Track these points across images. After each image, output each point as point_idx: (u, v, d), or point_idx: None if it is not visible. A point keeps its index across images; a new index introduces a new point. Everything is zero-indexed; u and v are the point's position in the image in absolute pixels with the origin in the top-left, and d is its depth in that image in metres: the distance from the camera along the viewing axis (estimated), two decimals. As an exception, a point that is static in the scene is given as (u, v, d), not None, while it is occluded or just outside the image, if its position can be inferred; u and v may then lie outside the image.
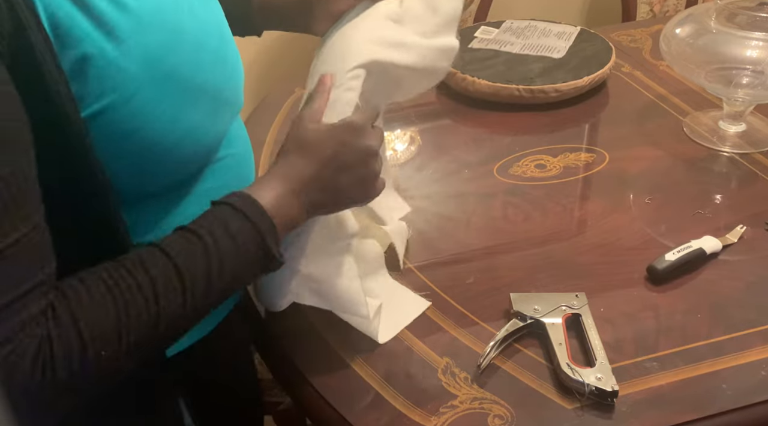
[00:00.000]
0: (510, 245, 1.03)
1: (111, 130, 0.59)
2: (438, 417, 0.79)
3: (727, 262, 0.99)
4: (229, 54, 0.70)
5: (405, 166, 1.23)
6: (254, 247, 0.64)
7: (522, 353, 0.86)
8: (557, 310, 0.88)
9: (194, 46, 0.64)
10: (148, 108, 0.60)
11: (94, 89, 0.57)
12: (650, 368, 0.83)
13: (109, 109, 0.58)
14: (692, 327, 0.89)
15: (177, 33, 0.62)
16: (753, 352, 0.85)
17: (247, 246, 0.63)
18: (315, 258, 0.80)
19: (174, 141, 0.63)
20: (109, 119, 0.58)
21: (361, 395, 0.82)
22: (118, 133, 0.59)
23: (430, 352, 0.87)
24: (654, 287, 0.95)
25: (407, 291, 0.94)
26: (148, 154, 0.62)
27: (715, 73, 1.22)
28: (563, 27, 1.56)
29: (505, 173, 1.18)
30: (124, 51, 0.58)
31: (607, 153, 1.22)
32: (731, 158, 1.20)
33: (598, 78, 1.37)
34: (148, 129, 0.61)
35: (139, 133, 0.60)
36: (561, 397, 0.80)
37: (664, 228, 1.05)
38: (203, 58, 0.65)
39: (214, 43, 0.67)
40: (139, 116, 0.60)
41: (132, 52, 0.58)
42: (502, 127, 1.32)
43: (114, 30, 0.57)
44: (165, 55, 0.61)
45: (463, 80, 1.37)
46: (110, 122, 0.59)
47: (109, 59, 0.57)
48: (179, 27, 0.63)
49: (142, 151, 0.62)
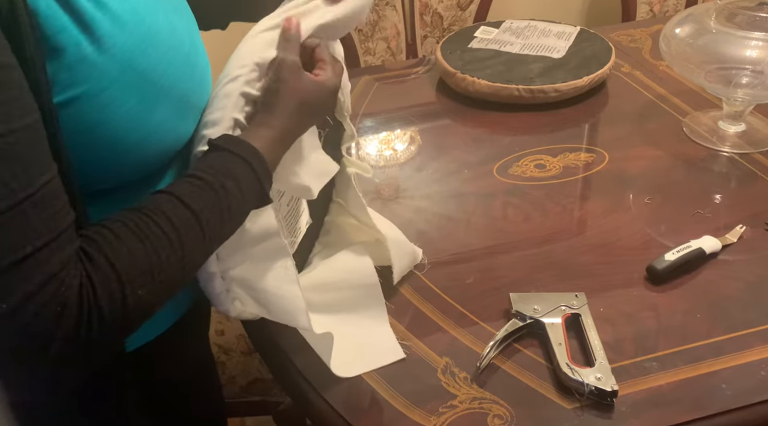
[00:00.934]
0: (510, 245, 1.03)
1: (77, 120, 0.60)
2: (438, 417, 0.79)
3: (726, 262, 0.99)
4: (199, 61, 0.73)
5: (405, 166, 1.23)
6: (254, 190, 0.69)
7: (522, 353, 0.86)
8: (557, 310, 0.88)
9: (166, 50, 0.67)
10: (115, 103, 0.62)
11: (64, 79, 0.59)
12: (650, 368, 0.83)
13: (77, 99, 0.60)
14: (692, 327, 0.89)
15: (152, 35, 0.65)
16: (753, 352, 0.85)
17: (249, 189, 0.68)
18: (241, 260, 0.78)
19: (138, 139, 0.65)
20: (77, 110, 0.60)
21: (360, 395, 0.82)
22: (83, 124, 0.61)
23: (429, 352, 0.87)
24: (654, 287, 0.95)
25: (391, 335, 0.89)
26: (112, 148, 0.64)
27: (714, 73, 1.22)
28: (563, 27, 1.56)
29: (504, 173, 1.18)
30: (99, 48, 0.60)
31: (606, 153, 1.22)
32: (731, 158, 1.20)
33: (597, 78, 1.37)
34: (113, 123, 0.63)
35: (105, 127, 0.62)
36: (561, 397, 0.80)
37: (663, 228, 1.05)
38: (174, 62, 0.68)
39: (185, 48, 0.70)
40: (106, 110, 0.62)
41: (107, 50, 0.61)
42: (501, 127, 1.32)
43: (91, 27, 0.59)
44: (138, 56, 0.63)
45: (463, 80, 1.37)
46: (77, 112, 0.60)
47: (84, 54, 0.59)
48: (154, 30, 0.65)
49: (107, 145, 0.63)
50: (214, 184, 0.65)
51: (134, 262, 0.58)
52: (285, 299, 0.79)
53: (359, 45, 1.85)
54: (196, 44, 0.74)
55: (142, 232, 0.59)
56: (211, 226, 0.64)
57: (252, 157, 0.68)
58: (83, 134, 0.61)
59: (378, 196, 1.15)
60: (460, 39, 1.53)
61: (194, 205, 0.63)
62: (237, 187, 0.67)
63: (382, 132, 1.33)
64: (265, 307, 0.80)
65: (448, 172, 1.20)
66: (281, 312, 0.80)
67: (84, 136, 0.61)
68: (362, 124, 1.35)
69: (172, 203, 0.62)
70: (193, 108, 0.72)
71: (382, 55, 1.90)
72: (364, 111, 1.38)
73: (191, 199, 0.63)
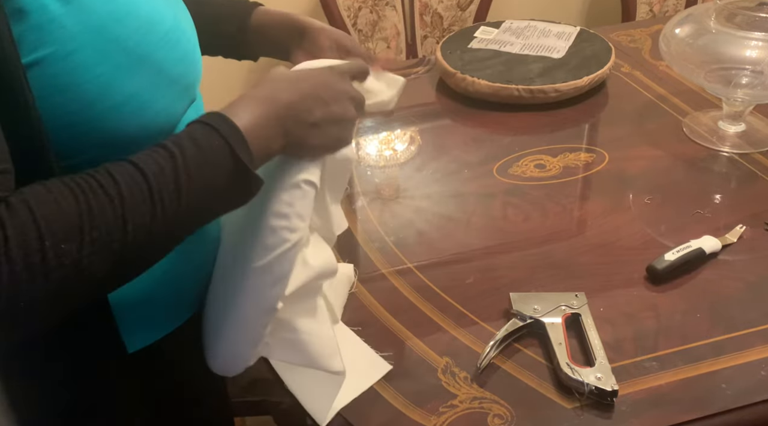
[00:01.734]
0: (510, 245, 1.03)
1: (46, 81, 0.60)
2: (438, 416, 0.79)
3: (726, 262, 0.99)
4: (183, 41, 0.71)
5: (405, 166, 1.23)
6: (223, 156, 0.62)
7: (522, 353, 0.86)
8: (557, 310, 0.88)
9: (143, 23, 0.66)
10: (85, 67, 0.61)
11: (32, 39, 0.58)
12: (650, 368, 0.83)
13: (45, 60, 0.59)
14: (692, 327, 0.89)
15: (128, 6, 0.64)
16: (753, 352, 0.85)
17: (215, 154, 0.62)
18: (293, 299, 0.74)
19: (110, 106, 0.64)
20: (45, 70, 0.59)
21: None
22: (53, 87, 0.60)
23: (429, 352, 0.87)
24: (654, 287, 0.95)
25: (368, 350, 0.86)
26: (83, 114, 0.62)
27: (714, 73, 1.22)
28: (563, 27, 1.56)
29: (504, 173, 1.18)
30: (69, 11, 0.59)
31: (606, 153, 1.22)
32: (731, 158, 1.21)
33: (597, 78, 1.37)
34: (83, 87, 0.61)
35: (74, 90, 0.61)
36: (561, 397, 0.80)
37: (663, 228, 1.05)
38: (151, 35, 0.66)
39: (166, 26, 0.69)
40: (75, 73, 0.61)
41: (77, 15, 0.60)
42: (501, 127, 1.32)
43: None
44: (111, 24, 0.62)
45: (462, 80, 1.37)
46: (46, 74, 0.59)
47: (52, 15, 0.58)
48: (132, 2, 0.65)
49: (78, 110, 0.62)
50: (167, 145, 0.60)
51: (60, 211, 0.53)
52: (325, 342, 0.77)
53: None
54: (181, 25, 0.72)
55: (77, 185, 0.55)
56: (161, 188, 0.58)
57: (216, 121, 0.63)
58: (54, 97, 0.60)
59: (378, 196, 1.15)
60: (460, 39, 1.53)
61: (140, 162, 0.58)
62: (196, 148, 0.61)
63: (382, 132, 1.33)
64: (300, 352, 0.77)
65: (448, 172, 1.20)
66: (320, 357, 0.77)
67: (55, 99, 0.60)
68: (362, 124, 1.35)
69: (119, 163, 0.59)
70: (173, 83, 0.70)
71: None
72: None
73: (141, 159, 0.59)
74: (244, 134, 0.64)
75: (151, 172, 0.58)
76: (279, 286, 0.72)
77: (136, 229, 0.57)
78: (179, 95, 0.71)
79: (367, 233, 1.06)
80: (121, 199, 0.56)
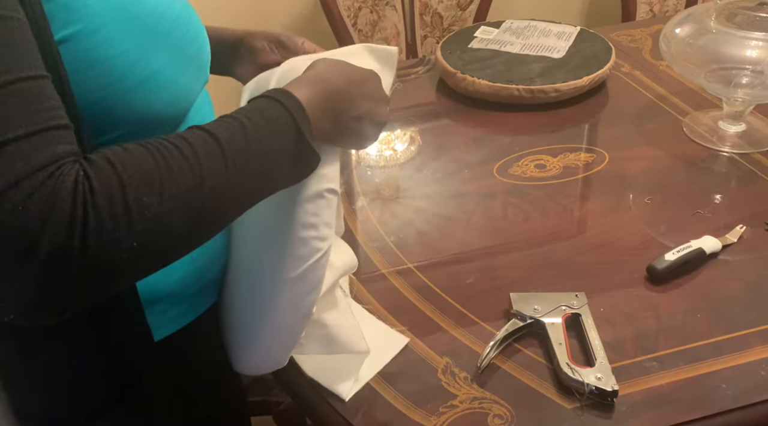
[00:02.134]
0: (510, 245, 1.03)
1: (77, 56, 0.61)
2: (438, 417, 0.79)
3: (726, 262, 0.99)
4: (193, 22, 0.74)
5: (405, 166, 1.23)
6: (288, 130, 0.65)
7: (522, 353, 0.86)
8: (557, 310, 0.88)
9: (159, 3, 0.68)
10: (113, 42, 0.63)
11: (60, 17, 0.60)
12: (650, 368, 0.83)
13: (74, 37, 0.61)
14: (692, 327, 0.89)
15: None
16: (753, 352, 0.85)
17: (282, 127, 0.64)
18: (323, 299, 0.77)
19: (138, 81, 0.65)
20: (75, 47, 0.61)
21: (361, 395, 0.82)
22: (83, 62, 0.62)
23: (429, 352, 0.87)
24: (654, 287, 0.95)
25: (382, 325, 0.90)
26: (113, 89, 0.64)
27: (714, 73, 1.22)
28: (563, 27, 1.56)
29: (505, 173, 1.18)
30: None
31: (606, 153, 1.22)
32: (731, 158, 1.21)
33: (597, 78, 1.37)
34: (111, 61, 0.63)
35: (104, 65, 0.63)
36: (561, 397, 0.80)
37: (663, 228, 1.05)
38: (167, 15, 0.69)
39: (177, 8, 0.71)
40: (103, 48, 0.63)
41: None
42: (502, 127, 1.32)
43: None
44: (131, 3, 0.65)
45: (463, 80, 1.37)
46: (76, 49, 0.61)
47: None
48: None
49: (108, 85, 0.64)
50: (238, 117, 0.62)
51: (140, 167, 0.54)
52: (351, 328, 0.80)
53: (359, 45, 1.85)
54: (189, 8, 0.75)
55: (153, 146, 0.56)
56: (232, 149, 0.60)
57: (282, 96, 0.66)
58: (84, 72, 0.62)
59: (378, 196, 1.15)
60: (460, 39, 1.53)
61: (215, 131, 0.60)
62: (265, 120, 0.63)
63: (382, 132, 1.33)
64: (330, 343, 0.80)
65: (448, 172, 1.20)
66: (348, 342, 0.80)
67: (85, 75, 0.62)
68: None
69: (191, 130, 0.60)
70: (191, 61, 0.72)
71: (382, 55, 1.89)
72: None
73: (212, 126, 0.61)
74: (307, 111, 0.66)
75: (224, 137, 0.60)
76: (314, 293, 0.75)
77: (213, 188, 0.58)
78: (196, 74, 0.74)
79: (367, 233, 1.06)
80: (197, 158, 0.57)
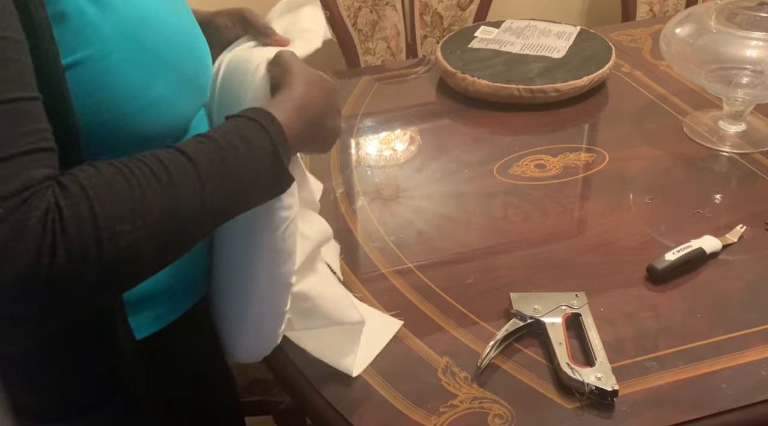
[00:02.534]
0: (510, 245, 1.03)
1: (83, 82, 0.62)
2: (438, 416, 0.79)
3: (726, 262, 0.99)
4: (198, 43, 0.75)
5: (405, 166, 1.23)
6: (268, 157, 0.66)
7: (522, 353, 0.86)
8: (557, 310, 0.88)
9: (167, 28, 0.69)
10: (119, 68, 0.64)
11: (70, 42, 0.61)
12: (650, 368, 0.83)
13: (83, 62, 0.62)
14: (692, 327, 0.89)
15: (153, 12, 0.67)
16: (753, 352, 0.85)
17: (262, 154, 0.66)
18: (301, 272, 0.78)
19: (140, 108, 0.66)
20: (83, 72, 0.62)
21: (361, 394, 0.82)
22: (89, 87, 0.62)
23: (430, 352, 0.87)
24: (654, 287, 0.95)
25: (375, 311, 0.91)
26: (115, 114, 0.65)
27: (715, 73, 1.22)
28: (563, 27, 1.56)
29: (505, 173, 1.18)
30: (103, 16, 0.62)
31: (606, 153, 1.22)
32: (731, 158, 1.21)
33: (597, 78, 1.37)
34: (117, 89, 0.64)
35: (110, 91, 0.64)
36: (561, 397, 0.80)
37: (663, 228, 1.05)
38: (174, 41, 0.69)
39: (184, 29, 0.72)
40: (110, 74, 0.63)
41: (110, 18, 0.63)
42: (502, 127, 1.32)
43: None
44: (140, 28, 0.65)
45: (463, 80, 1.37)
46: (83, 74, 0.62)
47: (87, 19, 0.61)
48: (156, 8, 0.68)
49: (110, 110, 0.64)
50: (217, 139, 0.63)
51: (113, 194, 0.54)
52: (339, 298, 0.82)
53: (359, 45, 1.85)
54: (195, 27, 0.76)
55: (128, 169, 0.56)
56: (208, 174, 0.60)
57: (264, 119, 0.67)
58: (89, 97, 0.63)
59: (378, 195, 1.15)
60: (460, 39, 1.53)
61: (190, 152, 0.60)
62: (243, 142, 0.64)
63: (382, 132, 1.33)
64: (319, 316, 0.81)
65: (448, 172, 1.20)
66: (338, 314, 0.81)
67: (90, 99, 0.63)
68: (362, 124, 1.35)
69: (167, 150, 0.61)
70: (193, 86, 0.73)
71: (382, 55, 1.90)
72: (364, 111, 1.38)
73: (187, 147, 0.61)
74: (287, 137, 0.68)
75: (200, 160, 0.61)
76: (289, 262, 0.76)
77: (186, 214, 0.59)
78: (196, 96, 0.75)
79: (367, 233, 1.06)
80: (171, 184, 0.58)
